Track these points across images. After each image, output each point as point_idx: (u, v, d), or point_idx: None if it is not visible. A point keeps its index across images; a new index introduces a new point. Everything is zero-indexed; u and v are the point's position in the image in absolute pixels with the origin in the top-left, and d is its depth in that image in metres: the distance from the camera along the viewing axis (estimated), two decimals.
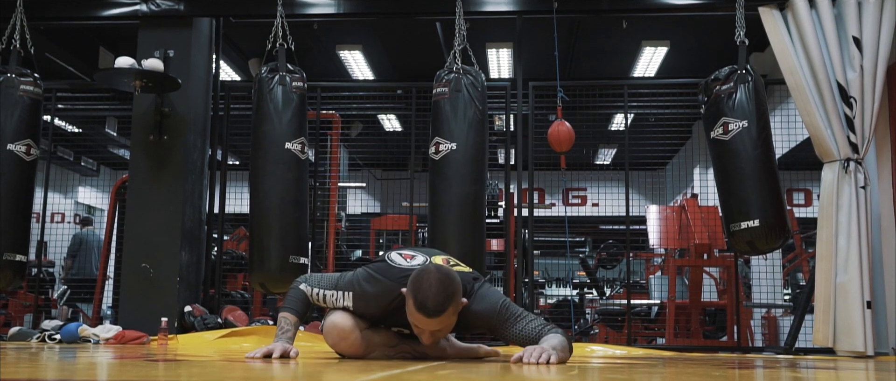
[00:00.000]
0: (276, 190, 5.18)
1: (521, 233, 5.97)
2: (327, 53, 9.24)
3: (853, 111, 4.84)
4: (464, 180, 5.06)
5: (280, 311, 3.19)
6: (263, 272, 5.19)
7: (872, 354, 4.66)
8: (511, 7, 5.75)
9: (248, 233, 5.45)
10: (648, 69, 9.56)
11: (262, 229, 5.21)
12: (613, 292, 9.27)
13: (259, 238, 5.22)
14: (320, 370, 2.47)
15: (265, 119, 5.23)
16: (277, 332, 3.09)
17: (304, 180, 5.36)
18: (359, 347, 3.08)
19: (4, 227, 5.33)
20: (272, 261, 5.16)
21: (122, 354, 3.53)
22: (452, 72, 5.21)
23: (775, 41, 5.06)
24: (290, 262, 5.16)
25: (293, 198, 5.22)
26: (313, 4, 5.79)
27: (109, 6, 5.85)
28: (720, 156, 5.05)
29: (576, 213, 13.25)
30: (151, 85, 5.40)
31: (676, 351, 5.31)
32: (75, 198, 12.85)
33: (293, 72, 5.32)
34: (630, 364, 3.31)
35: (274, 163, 5.19)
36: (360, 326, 3.09)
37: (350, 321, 3.06)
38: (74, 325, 5.01)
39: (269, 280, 5.21)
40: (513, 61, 9.04)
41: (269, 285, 5.27)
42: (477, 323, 3.04)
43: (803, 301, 5.51)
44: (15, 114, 5.46)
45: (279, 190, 5.18)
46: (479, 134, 5.15)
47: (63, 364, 2.74)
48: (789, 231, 4.99)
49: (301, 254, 5.25)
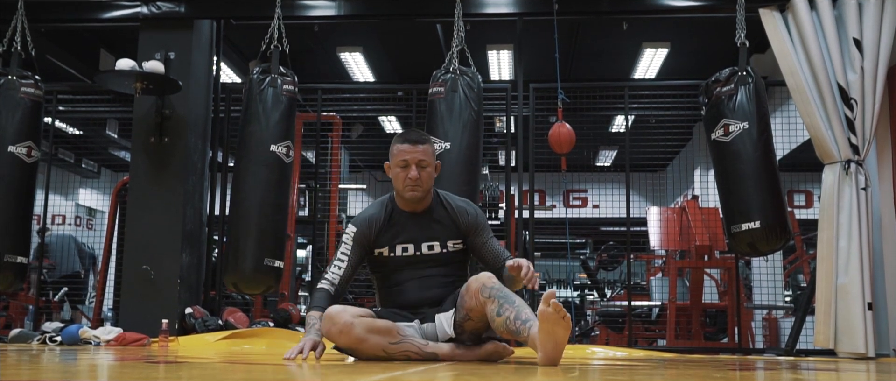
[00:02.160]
0: (257, 192, 5.17)
1: (521, 234, 5.97)
2: (328, 55, 9.24)
3: (854, 113, 4.84)
4: (457, 181, 5.04)
5: (307, 313, 3.30)
6: (237, 273, 5.17)
7: (873, 355, 4.66)
8: (511, 9, 5.75)
9: (226, 232, 5.42)
10: (649, 71, 9.55)
11: (240, 229, 5.19)
12: (614, 294, 9.27)
13: (236, 238, 5.20)
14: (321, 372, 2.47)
15: (252, 120, 5.22)
16: (306, 329, 3.16)
17: (286, 184, 5.34)
18: (359, 340, 3.03)
19: (5, 229, 5.33)
20: (247, 262, 5.14)
21: (123, 356, 3.53)
22: (449, 72, 5.21)
23: (776, 43, 5.06)
24: (264, 264, 5.14)
25: (274, 201, 5.20)
26: (314, 6, 5.80)
27: (110, 8, 5.86)
28: (721, 157, 5.05)
29: (576, 214, 13.24)
30: (152, 87, 5.40)
31: (677, 353, 5.31)
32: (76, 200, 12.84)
33: (285, 75, 5.31)
34: (631, 366, 3.31)
35: (258, 164, 5.18)
36: (360, 317, 3.07)
37: (348, 314, 3.04)
38: (75, 327, 5.01)
39: (243, 281, 5.19)
40: (513, 63, 9.03)
41: (241, 287, 5.24)
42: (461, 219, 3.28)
43: (804, 303, 5.51)
44: (16, 116, 5.47)
45: (260, 192, 5.17)
46: (473, 135, 5.14)
47: (64, 366, 2.74)
48: (790, 233, 4.99)
49: (277, 257, 5.22)
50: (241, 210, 5.20)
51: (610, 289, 9.61)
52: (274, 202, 5.20)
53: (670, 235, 7.38)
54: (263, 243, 5.16)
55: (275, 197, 5.21)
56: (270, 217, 5.19)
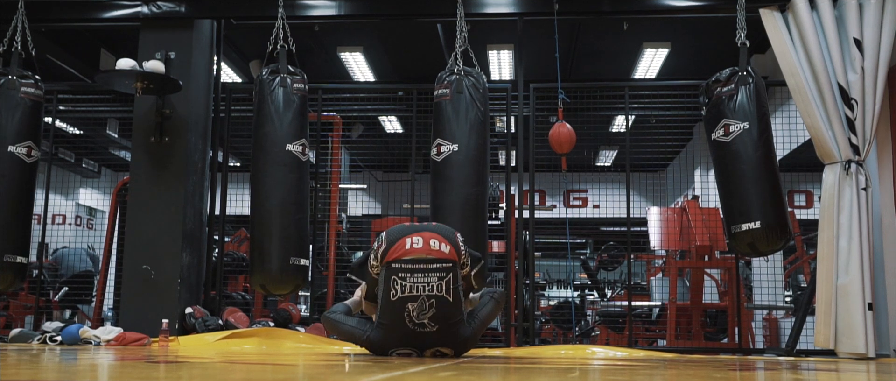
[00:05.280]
0: (277, 192, 5.18)
1: (522, 235, 5.97)
2: (328, 55, 9.24)
3: (854, 113, 4.84)
4: (465, 182, 5.05)
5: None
6: (264, 274, 5.18)
7: (874, 356, 4.65)
8: (512, 9, 5.75)
9: (249, 234, 5.44)
10: (649, 71, 9.56)
11: (263, 230, 5.20)
12: (614, 294, 9.26)
13: (260, 240, 5.21)
14: (322, 372, 2.47)
15: (266, 121, 5.23)
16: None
17: (305, 182, 5.36)
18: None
19: (5, 229, 5.33)
20: (273, 262, 5.15)
21: (123, 355, 3.53)
22: (454, 73, 5.21)
23: (776, 43, 5.06)
24: (291, 263, 5.16)
25: (294, 199, 5.21)
26: (314, 6, 5.80)
27: (111, 8, 5.86)
28: (721, 157, 5.05)
29: (577, 214, 13.25)
30: (152, 87, 5.40)
31: (677, 353, 5.31)
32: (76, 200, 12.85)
33: (294, 73, 5.32)
34: (631, 366, 3.31)
35: (275, 165, 5.19)
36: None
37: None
38: (75, 327, 5.01)
39: (270, 282, 5.20)
40: (514, 63, 9.04)
41: (269, 287, 5.26)
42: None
43: (804, 303, 5.51)
44: (16, 115, 5.46)
45: (280, 192, 5.18)
46: (480, 135, 5.14)
47: (64, 366, 2.74)
48: (790, 233, 4.99)
49: (302, 256, 5.24)
50: (262, 212, 5.21)
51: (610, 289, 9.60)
52: (295, 201, 5.21)
53: (671, 235, 7.38)
54: (288, 242, 5.17)
55: (295, 196, 5.22)
56: (292, 216, 5.20)
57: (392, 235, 3.64)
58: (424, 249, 3.51)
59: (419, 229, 3.67)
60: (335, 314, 3.89)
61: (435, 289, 3.43)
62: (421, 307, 3.41)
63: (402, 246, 3.55)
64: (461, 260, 3.62)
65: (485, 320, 3.77)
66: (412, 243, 3.55)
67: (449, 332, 3.50)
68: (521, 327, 5.60)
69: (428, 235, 3.60)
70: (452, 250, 3.56)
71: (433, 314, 3.42)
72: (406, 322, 3.44)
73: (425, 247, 3.53)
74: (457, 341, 3.56)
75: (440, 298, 3.43)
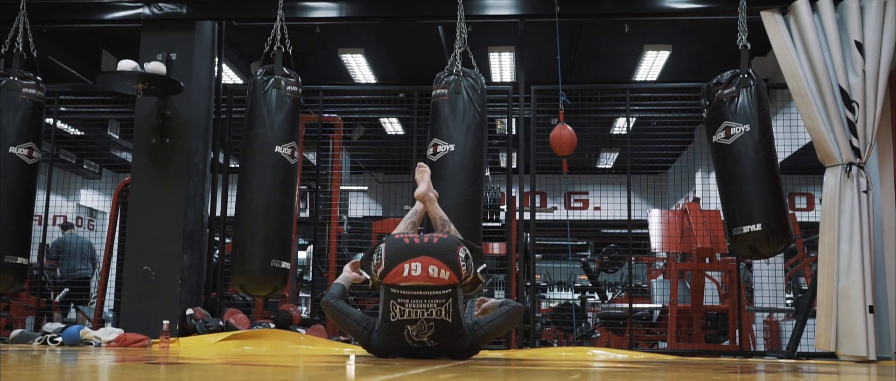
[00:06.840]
0: (262, 193, 5.17)
1: (522, 237, 5.97)
2: (329, 56, 9.24)
3: (855, 115, 4.83)
4: (461, 183, 5.03)
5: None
6: (244, 274, 5.17)
7: (875, 358, 4.65)
8: (513, 11, 5.75)
9: (232, 234, 5.42)
10: (650, 73, 9.55)
11: (246, 231, 5.19)
12: (615, 296, 9.26)
13: (242, 240, 5.20)
14: (323, 374, 2.47)
15: (257, 122, 5.22)
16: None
17: (292, 185, 5.34)
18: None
19: (6, 230, 5.33)
20: (254, 263, 5.14)
21: (124, 357, 3.53)
22: (452, 74, 5.21)
23: (777, 45, 5.06)
24: (271, 265, 5.14)
25: (279, 202, 5.20)
26: (315, 7, 5.80)
27: (112, 9, 5.87)
28: (722, 160, 5.05)
29: (578, 217, 13.24)
30: (154, 88, 5.40)
31: (678, 355, 5.30)
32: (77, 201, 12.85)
33: (289, 76, 5.31)
34: (632, 369, 3.30)
35: (263, 166, 5.18)
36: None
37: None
38: (76, 328, 5.01)
39: (250, 282, 5.18)
40: (515, 65, 9.04)
41: (248, 288, 5.23)
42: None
43: (805, 306, 5.50)
44: (17, 117, 5.47)
45: (266, 193, 5.17)
46: (477, 137, 5.13)
47: (65, 367, 2.73)
48: (791, 235, 4.99)
49: (283, 258, 5.22)
50: (247, 212, 5.20)
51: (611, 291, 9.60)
52: (279, 203, 5.20)
53: (671, 237, 7.38)
54: (270, 244, 5.16)
55: (280, 198, 5.21)
56: (276, 219, 5.19)
57: (390, 257, 3.51)
58: (422, 276, 3.40)
59: (418, 251, 3.51)
60: (338, 302, 3.74)
61: (434, 314, 3.36)
62: (420, 329, 3.38)
63: (400, 273, 3.43)
64: (463, 277, 3.52)
65: (490, 332, 3.64)
66: (411, 270, 3.43)
67: (449, 346, 3.47)
68: (521, 329, 5.60)
69: (427, 261, 3.45)
70: (452, 275, 3.44)
71: (433, 334, 3.39)
72: (406, 340, 3.41)
73: (423, 274, 3.41)
74: (457, 353, 3.52)
75: (440, 321, 3.38)
